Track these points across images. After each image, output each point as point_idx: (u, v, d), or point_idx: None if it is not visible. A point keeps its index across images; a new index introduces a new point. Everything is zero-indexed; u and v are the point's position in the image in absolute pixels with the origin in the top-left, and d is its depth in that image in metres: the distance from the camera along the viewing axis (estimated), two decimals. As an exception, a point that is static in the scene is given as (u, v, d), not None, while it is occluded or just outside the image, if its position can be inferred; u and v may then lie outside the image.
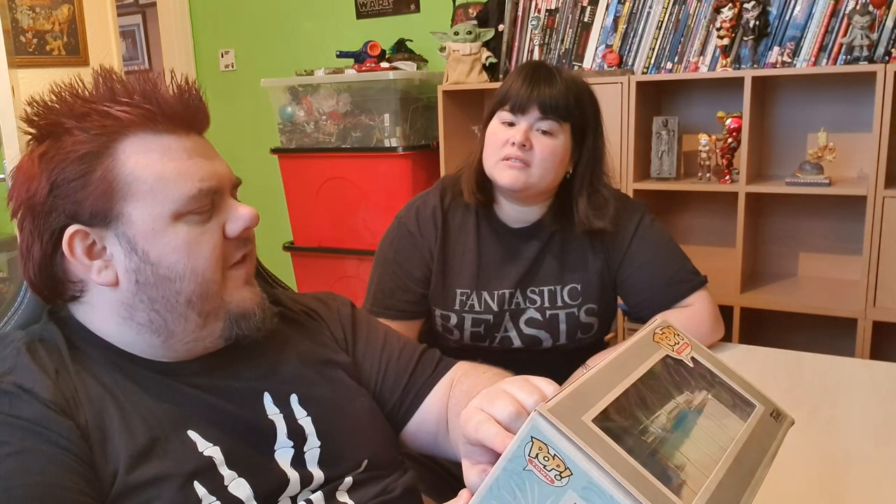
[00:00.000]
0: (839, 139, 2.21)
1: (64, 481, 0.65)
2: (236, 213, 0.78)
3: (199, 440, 0.74)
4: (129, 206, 0.73)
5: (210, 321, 0.78)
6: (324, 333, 0.95)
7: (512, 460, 0.54)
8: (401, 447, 0.96)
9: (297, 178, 2.86)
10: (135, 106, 0.74)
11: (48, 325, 0.78)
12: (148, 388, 0.76)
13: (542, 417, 0.52)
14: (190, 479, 0.71)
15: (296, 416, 0.82)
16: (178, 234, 0.74)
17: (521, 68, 1.34)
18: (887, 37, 2.04)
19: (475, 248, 1.39)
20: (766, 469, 0.65)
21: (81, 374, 0.74)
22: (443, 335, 1.43)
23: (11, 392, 0.68)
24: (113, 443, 0.70)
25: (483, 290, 1.38)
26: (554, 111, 1.29)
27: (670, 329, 0.74)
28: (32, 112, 0.75)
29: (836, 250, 2.33)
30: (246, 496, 0.74)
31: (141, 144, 0.74)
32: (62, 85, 0.75)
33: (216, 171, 0.78)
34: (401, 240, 1.41)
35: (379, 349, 0.97)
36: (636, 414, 0.60)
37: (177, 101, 0.76)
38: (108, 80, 0.76)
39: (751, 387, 0.74)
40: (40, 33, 3.27)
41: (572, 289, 1.39)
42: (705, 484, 0.57)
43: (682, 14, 2.32)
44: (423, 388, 0.95)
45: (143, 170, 0.73)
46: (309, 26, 3.23)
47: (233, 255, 0.79)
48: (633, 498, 0.50)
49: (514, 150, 1.28)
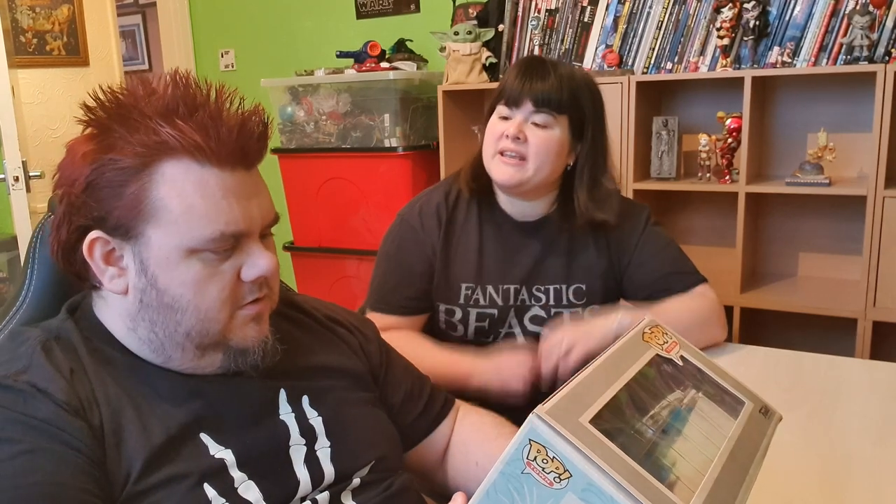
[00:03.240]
0: (839, 139, 2.21)
1: (74, 482, 0.65)
2: (255, 260, 0.76)
3: (210, 443, 0.75)
4: (150, 228, 0.73)
5: (208, 353, 0.77)
6: (351, 346, 0.95)
7: (509, 463, 0.53)
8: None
9: (297, 178, 2.86)
10: (185, 133, 0.71)
11: (66, 324, 0.78)
12: (162, 391, 0.76)
13: (540, 420, 0.52)
14: (200, 482, 0.72)
15: (307, 415, 0.83)
16: (189, 270, 0.73)
17: (516, 63, 1.37)
18: (887, 37, 2.04)
19: (477, 241, 1.40)
20: (758, 465, 0.65)
21: (100, 374, 0.74)
22: (446, 332, 1.43)
23: (26, 391, 0.69)
24: (129, 444, 0.70)
25: (488, 284, 1.39)
26: (546, 104, 1.30)
27: (658, 328, 0.74)
28: (91, 105, 0.73)
29: (836, 250, 2.33)
30: (255, 499, 0.74)
31: (181, 172, 0.72)
32: (134, 81, 0.75)
33: (247, 213, 0.75)
34: (402, 235, 1.42)
35: (398, 381, 1.00)
36: (630, 414, 0.60)
37: (230, 138, 0.73)
38: (178, 89, 0.73)
39: (739, 384, 0.74)
40: (40, 33, 3.27)
41: (577, 289, 1.40)
42: (702, 482, 0.57)
43: (682, 14, 2.32)
44: (433, 422, 1.01)
45: (173, 199, 0.72)
46: (309, 26, 3.23)
47: (245, 297, 0.77)
48: (634, 498, 0.50)
49: (509, 144, 1.30)
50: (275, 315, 0.83)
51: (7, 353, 0.75)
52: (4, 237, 3.26)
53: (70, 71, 3.39)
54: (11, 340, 0.77)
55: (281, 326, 0.85)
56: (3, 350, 0.77)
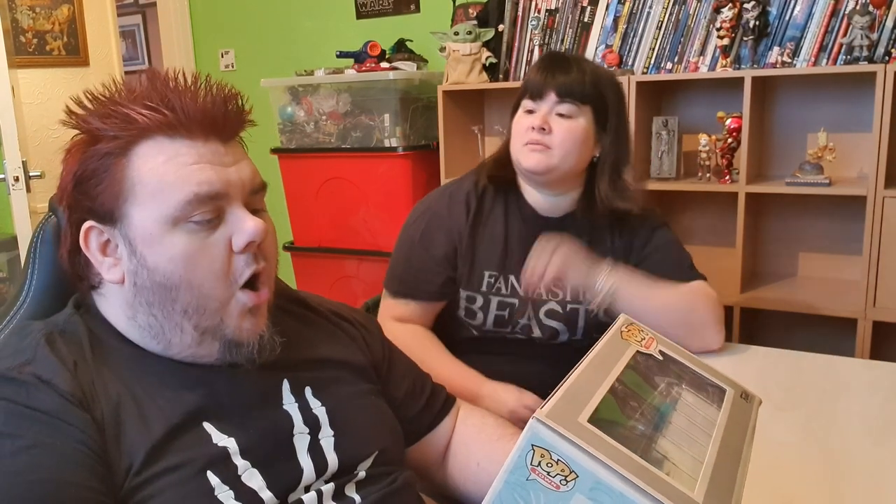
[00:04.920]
0: (839, 139, 2.21)
1: (75, 478, 0.66)
2: (242, 225, 0.75)
3: (213, 432, 0.75)
4: (131, 208, 0.74)
5: (207, 339, 0.77)
6: (354, 340, 0.96)
7: (513, 472, 0.53)
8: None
9: (297, 178, 2.86)
10: (153, 110, 0.74)
11: (72, 318, 0.79)
12: (165, 380, 0.76)
13: (541, 424, 0.52)
14: (203, 469, 0.72)
15: (310, 405, 0.83)
16: (175, 243, 0.73)
17: (540, 58, 1.41)
18: (887, 37, 2.04)
19: (503, 231, 1.42)
20: (749, 448, 0.67)
21: (100, 368, 0.74)
22: (464, 321, 1.44)
23: (30, 383, 0.69)
24: (129, 437, 0.71)
25: (510, 273, 1.40)
26: (569, 94, 1.33)
27: (635, 326, 0.76)
28: (70, 109, 0.77)
29: (836, 250, 2.33)
30: (259, 486, 0.74)
31: (154, 148, 0.74)
32: (105, 84, 0.78)
33: (223, 176, 0.75)
34: (428, 221, 1.44)
35: (401, 377, 1.00)
36: (622, 410, 0.61)
37: (196, 108, 0.75)
38: (153, 82, 0.76)
39: (717, 372, 0.76)
40: (40, 33, 3.27)
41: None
42: (701, 470, 0.57)
43: (682, 14, 2.32)
44: (435, 419, 1.02)
45: (147, 173, 0.74)
46: (309, 26, 3.23)
47: (241, 271, 0.76)
48: (643, 492, 0.50)
49: (535, 135, 1.33)
50: (277, 311, 0.84)
51: (11, 346, 0.75)
52: (4, 237, 3.26)
53: (70, 71, 3.39)
54: (15, 334, 0.78)
55: (284, 321, 0.85)
56: (7, 343, 0.78)
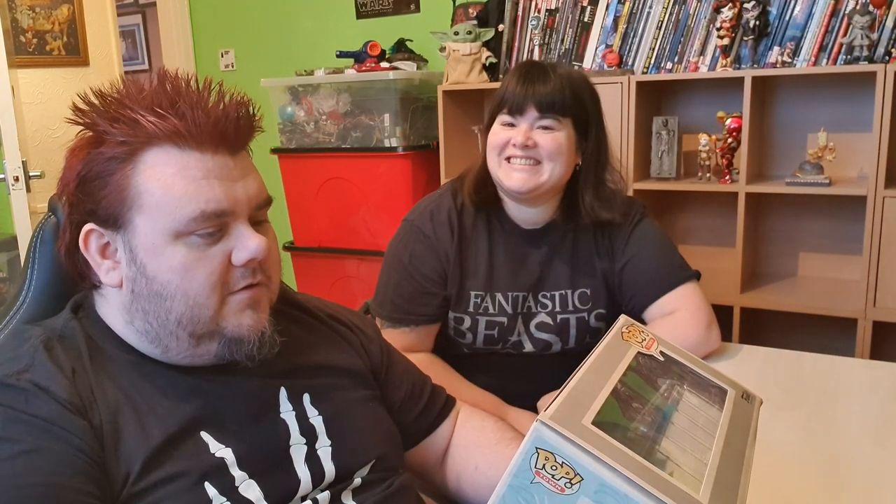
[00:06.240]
0: (839, 139, 2.21)
1: (72, 482, 0.65)
2: (245, 242, 0.75)
3: (211, 441, 0.75)
4: (136, 216, 0.74)
5: (203, 342, 0.77)
6: (352, 345, 0.95)
7: (517, 475, 0.52)
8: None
9: (296, 178, 2.86)
10: (163, 118, 0.73)
11: (71, 322, 0.78)
12: (164, 389, 0.76)
13: (545, 426, 0.52)
14: (201, 480, 0.72)
15: (307, 414, 0.83)
16: (176, 255, 0.73)
17: (515, 69, 1.35)
18: (887, 37, 2.04)
19: (487, 250, 1.39)
20: (752, 448, 0.67)
21: (99, 375, 0.74)
22: (455, 340, 1.42)
23: (28, 390, 0.69)
24: (127, 444, 0.70)
25: (497, 291, 1.38)
26: (551, 108, 1.29)
27: (635, 327, 0.76)
28: (83, 107, 0.76)
29: (836, 250, 2.33)
30: (256, 497, 0.74)
31: (162, 157, 0.73)
32: (115, 83, 0.77)
33: (231, 193, 0.75)
34: (415, 243, 1.39)
35: (400, 380, 1.00)
36: (625, 412, 0.60)
37: (208, 120, 0.74)
38: (162, 83, 0.75)
39: (717, 373, 0.76)
40: (40, 33, 3.27)
41: (582, 293, 1.39)
42: (706, 471, 0.57)
43: (682, 14, 2.32)
44: (434, 422, 1.01)
45: (154, 183, 0.73)
46: (309, 26, 3.23)
47: (237, 282, 0.76)
48: (648, 493, 0.50)
49: (517, 151, 1.29)
50: (276, 313, 0.83)
51: (9, 351, 0.75)
52: (4, 237, 3.26)
53: (70, 71, 3.39)
54: (13, 339, 0.78)
55: (282, 324, 0.84)
56: (5, 349, 0.78)
